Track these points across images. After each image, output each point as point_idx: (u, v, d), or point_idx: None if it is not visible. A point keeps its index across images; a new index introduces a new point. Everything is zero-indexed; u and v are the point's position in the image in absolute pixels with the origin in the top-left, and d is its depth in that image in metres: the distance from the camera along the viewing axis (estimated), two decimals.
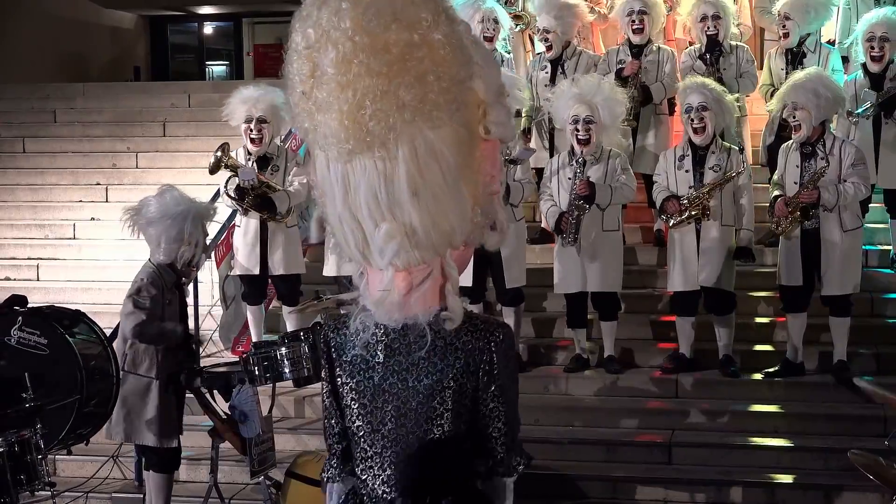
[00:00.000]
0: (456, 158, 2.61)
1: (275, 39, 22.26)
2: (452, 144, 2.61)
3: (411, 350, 2.70)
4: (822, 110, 7.89)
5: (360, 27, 2.51)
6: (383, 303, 2.65)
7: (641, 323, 8.80)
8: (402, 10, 2.53)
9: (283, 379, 6.85)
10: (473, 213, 2.64)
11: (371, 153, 2.55)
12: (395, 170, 2.56)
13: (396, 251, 2.58)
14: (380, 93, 2.52)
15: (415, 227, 2.58)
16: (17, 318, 6.38)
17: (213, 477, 6.83)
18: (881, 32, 8.88)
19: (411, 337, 2.69)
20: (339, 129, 2.55)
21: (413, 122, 2.55)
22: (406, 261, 2.60)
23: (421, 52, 2.54)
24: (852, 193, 7.80)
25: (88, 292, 10.15)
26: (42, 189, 12.09)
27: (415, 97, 2.54)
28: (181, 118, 13.00)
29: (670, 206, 8.00)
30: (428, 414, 2.70)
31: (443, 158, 2.59)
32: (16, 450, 5.83)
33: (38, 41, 16.96)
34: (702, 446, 7.56)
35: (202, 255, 6.79)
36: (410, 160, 2.55)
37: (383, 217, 2.58)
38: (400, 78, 2.52)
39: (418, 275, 2.65)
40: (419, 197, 2.58)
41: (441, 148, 2.58)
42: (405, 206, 2.57)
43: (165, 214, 6.66)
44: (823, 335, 8.30)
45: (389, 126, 2.54)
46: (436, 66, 2.56)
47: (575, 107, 8.03)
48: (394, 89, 2.52)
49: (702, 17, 9.46)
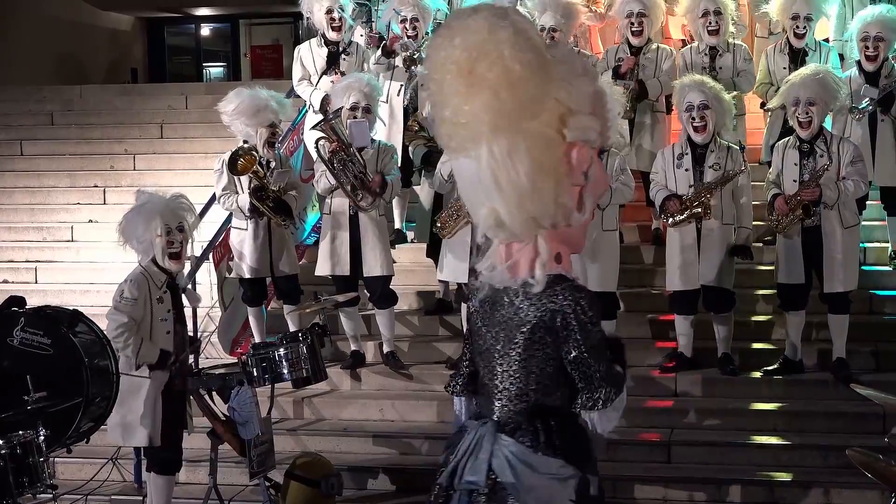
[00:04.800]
0: (533, 158, 3.25)
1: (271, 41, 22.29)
2: (526, 148, 3.25)
3: (506, 306, 3.43)
4: (830, 105, 7.94)
5: (458, 56, 3.24)
6: (491, 267, 3.44)
7: (640, 322, 8.80)
8: (488, 41, 3.24)
9: (282, 380, 6.87)
10: (559, 202, 3.32)
11: (466, 154, 3.30)
12: (481, 167, 3.27)
13: (491, 229, 3.35)
14: (466, 107, 3.24)
15: (500, 212, 3.29)
16: (19, 318, 6.37)
17: (212, 478, 6.83)
18: (875, 32, 8.88)
19: (508, 296, 3.42)
20: (446, 137, 3.34)
21: (492, 131, 3.23)
22: (497, 236, 3.38)
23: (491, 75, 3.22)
24: (852, 190, 7.81)
25: (87, 294, 10.14)
26: (40, 191, 12.09)
27: (492, 112, 3.22)
28: (178, 120, 13.01)
29: (671, 205, 8.00)
30: (521, 355, 3.42)
31: (517, 159, 3.24)
32: (18, 452, 5.83)
33: (35, 43, 16.96)
34: (701, 445, 7.56)
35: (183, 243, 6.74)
36: (491, 160, 3.25)
37: (482, 203, 3.32)
38: (478, 96, 3.22)
39: (515, 249, 3.38)
40: (501, 189, 3.27)
41: (515, 151, 3.24)
42: (492, 196, 3.29)
43: (130, 212, 6.70)
44: (822, 333, 8.31)
45: (475, 134, 3.25)
46: (511, 86, 3.22)
47: None
48: (475, 105, 3.23)
49: (703, 13, 9.45)
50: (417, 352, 8.81)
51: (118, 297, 6.53)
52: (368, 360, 8.72)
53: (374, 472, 7.61)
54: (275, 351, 6.73)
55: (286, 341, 6.81)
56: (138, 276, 6.59)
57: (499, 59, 3.23)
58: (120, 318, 6.45)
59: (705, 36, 9.48)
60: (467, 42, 3.24)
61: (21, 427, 5.93)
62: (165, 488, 6.74)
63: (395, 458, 7.78)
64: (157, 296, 6.59)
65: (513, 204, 3.28)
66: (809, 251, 7.90)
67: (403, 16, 9.66)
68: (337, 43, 9.89)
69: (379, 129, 9.31)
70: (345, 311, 8.48)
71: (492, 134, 3.24)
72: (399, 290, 8.68)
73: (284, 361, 6.73)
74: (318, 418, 8.33)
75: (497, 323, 3.47)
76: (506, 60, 3.23)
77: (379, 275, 8.33)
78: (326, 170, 8.19)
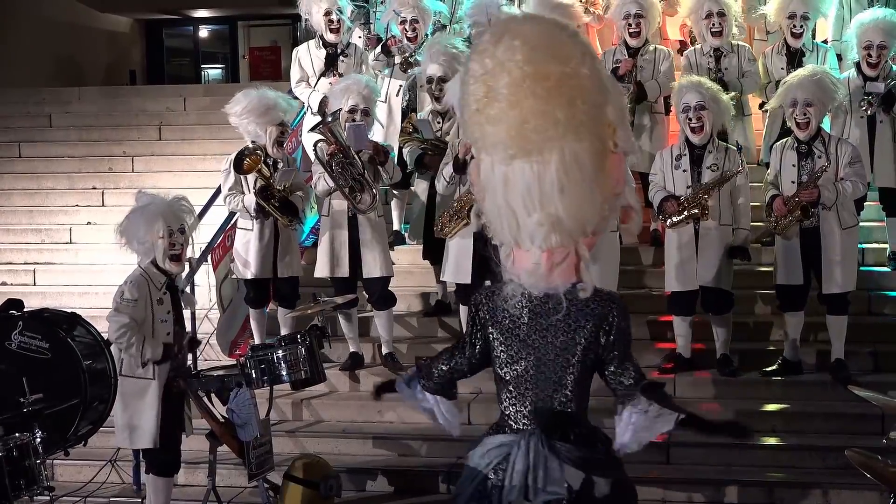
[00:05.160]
0: (593, 165, 3.43)
1: (270, 42, 22.28)
2: (590, 154, 3.42)
3: (550, 313, 3.56)
4: (827, 106, 7.95)
5: (529, 60, 3.33)
6: (534, 274, 3.52)
7: (639, 323, 8.79)
8: (560, 49, 3.37)
9: (281, 381, 6.87)
10: (602, 210, 3.53)
11: (528, 158, 3.38)
12: (546, 171, 3.39)
13: (544, 235, 3.45)
14: (540, 111, 3.33)
15: (560, 217, 3.43)
16: (18, 322, 6.37)
17: (211, 480, 6.83)
18: (879, 40, 8.86)
19: (551, 303, 3.55)
20: (506, 139, 3.38)
21: (563, 136, 3.36)
22: (549, 243, 3.48)
23: (572, 82, 3.36)
24: (850, 191, 7.81)
25: (85, 296, 10.14)
26: (38, 193, 12.09)
27: (566, 116, 3.35)
28: (177, 122, 13.02)
29: (669, 206, 7.99)
30: (562, 364, 3.57)
31: (583, 165, 3.41)
32: (14, 454, 5.82)
33: (33, 45, 16.95)
34: (700, 446, 7.55)
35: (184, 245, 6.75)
36: (559, 164, 3.38)
37: (535, 208, 3.43)
38: (556, 100, 3.34)
39: (558, 255, 3.51)
40: (564, 193, 3.41)
41: (582, 157, 3.40)
42: (553, 200, 3.41)
43: (131, 214, 6.70)
44: (821, 334, 8.31)
45: (545, 137, 3.36)
46: (582, 93, 3.37)
47: None
48: (551, 109, 3.34)
49: (707, 14, 9.45)
50: (416, 353, 8.79)
51: (118, 299, 6.53)
52: (367, 362, 8.72)
53: (373, 474, 7.61)
54: (273, 353, 6.73)
55: (285, 343, 6.81)
56: (138, 278, 6.60)
57: (577, 68, 3.37)
58: (121, 320, 6.44)
59: (709, 37, 9.49)
60: (538, 47, 3.35)
61: (18, 429, 5.93)
62: (164, 490, 6.74)
63: (393, 460, 7.78)
64: (157, 297, 6.60)
65: (574, 208, 3.43)
66: (808, 252, 7.90)
67: (403, 17, 9.67)
68: (335, 45, 9.89)
69: (377, 130, 9.32)
70: (343, 313, 8.48)
71: (564, 138, 3.36)
72: (398, 292, 8.68)
73: (283, 363, 6.73)
74: (317, 420, 8.33)
75: (545, 329, 3.57)
76: (583, 69, 3.37)
77: (378, 276, 8.33)
78: (324, 172, 8.18)
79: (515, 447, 3.57)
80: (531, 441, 3.55)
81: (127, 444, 6.80)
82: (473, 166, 3.75)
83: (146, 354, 6.47)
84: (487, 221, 3.63)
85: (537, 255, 3.52)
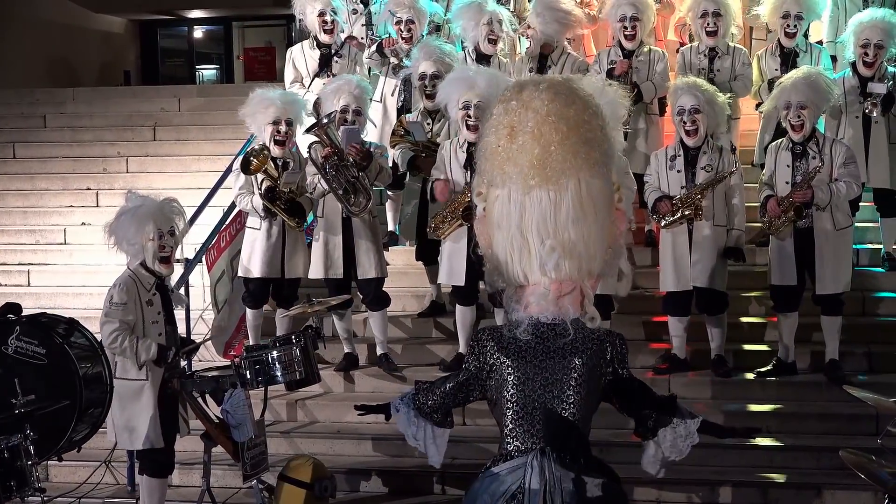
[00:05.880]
0: (603, 205, 3.76)
1: (265, 43, 22.25)
2: (602, 194, 3.77)
3: (557, 338, 3.79)
4: (821, 108, 7.96)
5: (552, 100, 3.73)
6: (543, 298, 3.76)
7: (634, 323, 8.80)
8: (579, 96, 3.80)
9: (276, 382, 6.86)
10: (607, 252, 3.82)
11: (547, 187, 3.68)
12: (563, 200, 3.69)
13: (555, 261, 3.70)
14: (562, 142, 3.67)
15: (572, 244, 3.71)
16: (15, 327, 6.36)
17: (205, 481, 6.82)
18: (877, 39, 8.86)
19: (558, 329, 3.79)
20: (527, 168, 3.69)
21: (581, 169, 3.70)
22: (559, 270, 3.73)
23: (591, 124, 3.75)
24: (844, 192, 7.82)
25: (80, 297, 10.14)
26: (32, 194, 12.07)
27: (584, 150, 3.70)
28: (171, 122, 12.99)
29: (662, 207, 8.00)
30: (568, 384, 3.77)
31: (597, 199, 3.74)
32: (6, 456, 5.81)
33: (27, 46, 16.93)
34: (694, 446, 7.50)
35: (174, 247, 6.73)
36: (575, 194, 3.70)
37: (549, 235, 3.70)
38: (576, 137, 3.70)
39: (566, 286, 3.77)
40: (578, 222, 3.70)
41: (596, 193, 3.74)
42: (567, 228, 3.70)
43: (122, 215, 6.69)
44: (815, 334, 8.31)
45: (565, 167, 3.68)
46: (596, 138, 3.75)
47: None
48: (571, 141, 3.69)
49: (702, 13, 9.44)
50: (411, 354, 8.81)
51: (108, 304, 6.50)
52: (361, 363, 8.72)
53: (368, 475, 7.61)
54: (268, 353, 6.72)
55: (279, 344, 6.80)
56: (126, 280, 6.58)
57: (592, 118, 3.76)
58: (112, 325, 6.43)
59: (703, 37, 9.47)
60: (560, 93, 3.76)
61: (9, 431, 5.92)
62: (158, 491, 6.73)
63: (388, 461, 7.78)
64: (147, 298, 6.58)
65: (585, 240, 3.72)
66: (802, 253, 7.91)
67: (399, 17, 9.65)
68: (329, 45, 9.89)
69: (371, 130, 9.31)
70: (338, 314, 8.47)
71: (581, 171, 3.70)
72: (392, 293, 8.67)
73: (278, 364, 6.72)
74: (312, 420, 8.32)
75: (553, 352, 3.78)
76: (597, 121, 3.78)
77: (372, 277, 8.32)
78: (318, 174, 8.17)
79: (528, 467, 3.69)
80: (543, 459, 3.68)
81: (128, 445, 6.78)
82: (479, 220, 3.99)
83: (141, 356, 6.46)
84: (494, 262, 3.88)
85: (546, 284, 3.76)
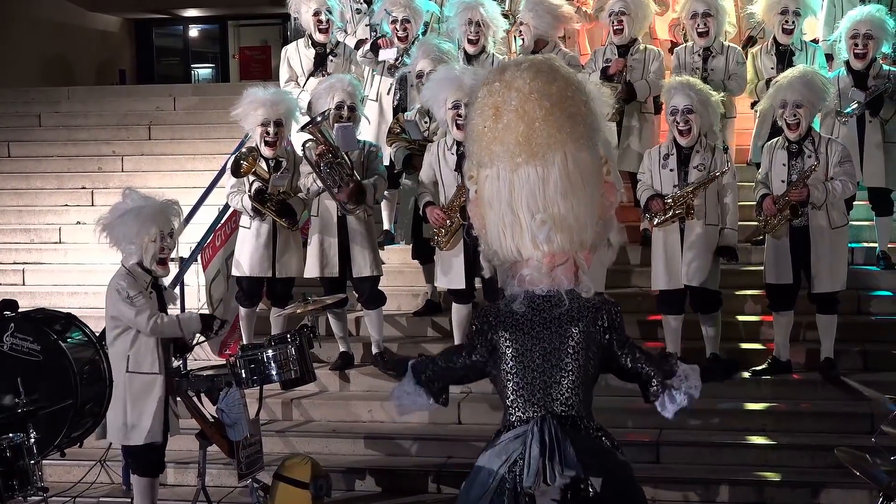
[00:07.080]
0: (591, 176, 3.83)
1: (260, 42, 22.26)
2: (590, 166, 3.82)
3: (553, 309, 3.88)
4: (817, 107, 7.96)
5: (534, 78, 3.79)
6: (537, 270, 3.85)
7: (628, 322, 8.56)
8: (560, 73, 3.86)
9: (271, 381, 6.85)
10: (597, 224, 3.88)
11: (534, 163, 3.75)
12: (550, 174, 3.75)
13: (546, 234, 3.77)
14: (546, 118, 3.74)
15: (562, 216, 3.77)
16: (10, 324, 6.35)
17: (200, 480, 6.82)
18: (865, 30, 8.88)
19: (553, 300, 3.89)
20: (514, 146, 3.75)
21: (566, 142, 3.76)
22: (551, 242, 3.81)
23: (574, 99, 3.82)
24: (840, 191, 7.82)
25: (75, 296, 10.12)
26: (27, 193, 12.06)
27: (568, 125, 3.77)
28: (166, 121, 12.99)
29: (654, 205, 8.00)
30: (566, 352, 3.87)
31: (584, 172, 3.80)
32: (7, 455, 5.80)
33: (22, 45, 16.92)
34: (690, 445, 7.57)
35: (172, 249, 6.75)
36: (562, 167, 3.76)
37: (538, 209, 3.77)
38: (560, 112, 3.76)
39: (559, 258, 3.86)
40: (567, 195, 3.76)
41: (583, 165, 3.80)
42: (556, 202, 3.76)
43: (124, 214, 6.68)
44: (810, 333, 8.32)
45: (551, 141, 3.75)
46: (580, 112, 3.81)
47: None
48: (555, 116, 3.75)
49: (692, 14, 9.46)
50: (406, 352, 8.78)
51: (127, 299, 6.51)
52: (357, 361, 8.72)
53: (363, 474, 7.61)
54: (263, 352, 6.72)
55: (275, 343, 6.80)
56: (126, 276, 6.59)
57: (575, 94, 3.84)
58: (145, 312, 6.50)
59: (695, 37, 9.49)
60: (541, 72, 3.83)
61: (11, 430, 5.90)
62: (149, 490, 6.73)
63: (383, 460, 7.78)
64: None
65: (575, 211, 3.78)
66: (797, 251, 7.91)
67: (394, 16, 9.64)
68: (324, 44, 9.88)
69: (366, 128, 9.30)
70: (333, 312, 8.47)
71: (567, 144, 3.76)
72: (388, 291, 8.67)
73: (273, 363, 6.72)
74: (307, 419, 8.32)
75: (549, 322, 3.87)
76: (580, 96, 3.85)
77: (368, 275, 8.32)
78: (313, 172, 8.16)
79: (529, 434, 3.76)
80: (544, 425, 3.76)
81: (128, 441, 6.72)
82: (472, 203, 4.06)
83: (192, 327, 6.67)
84: (489, 241, 3.96)
85: (539, 257, 3.84)
